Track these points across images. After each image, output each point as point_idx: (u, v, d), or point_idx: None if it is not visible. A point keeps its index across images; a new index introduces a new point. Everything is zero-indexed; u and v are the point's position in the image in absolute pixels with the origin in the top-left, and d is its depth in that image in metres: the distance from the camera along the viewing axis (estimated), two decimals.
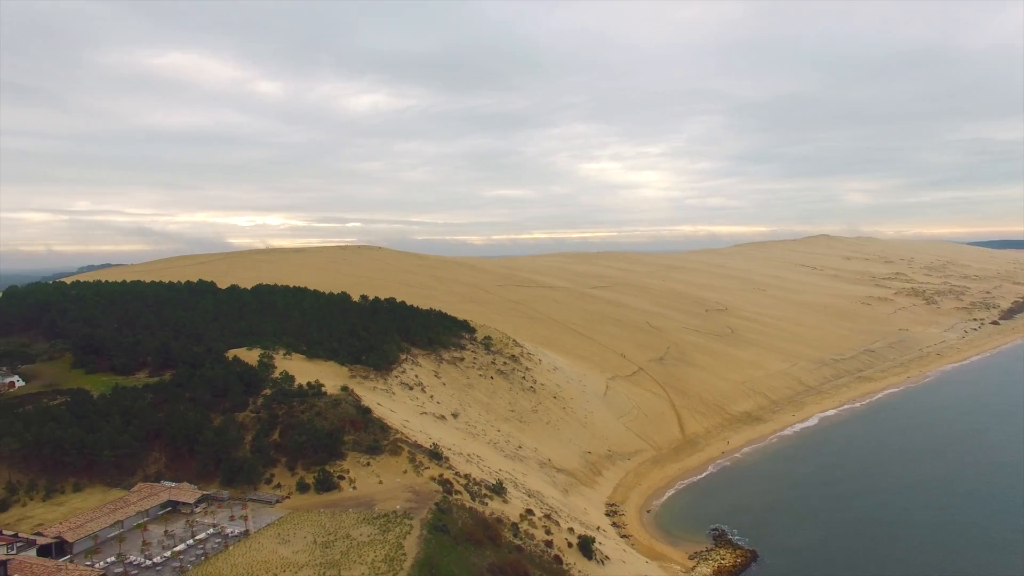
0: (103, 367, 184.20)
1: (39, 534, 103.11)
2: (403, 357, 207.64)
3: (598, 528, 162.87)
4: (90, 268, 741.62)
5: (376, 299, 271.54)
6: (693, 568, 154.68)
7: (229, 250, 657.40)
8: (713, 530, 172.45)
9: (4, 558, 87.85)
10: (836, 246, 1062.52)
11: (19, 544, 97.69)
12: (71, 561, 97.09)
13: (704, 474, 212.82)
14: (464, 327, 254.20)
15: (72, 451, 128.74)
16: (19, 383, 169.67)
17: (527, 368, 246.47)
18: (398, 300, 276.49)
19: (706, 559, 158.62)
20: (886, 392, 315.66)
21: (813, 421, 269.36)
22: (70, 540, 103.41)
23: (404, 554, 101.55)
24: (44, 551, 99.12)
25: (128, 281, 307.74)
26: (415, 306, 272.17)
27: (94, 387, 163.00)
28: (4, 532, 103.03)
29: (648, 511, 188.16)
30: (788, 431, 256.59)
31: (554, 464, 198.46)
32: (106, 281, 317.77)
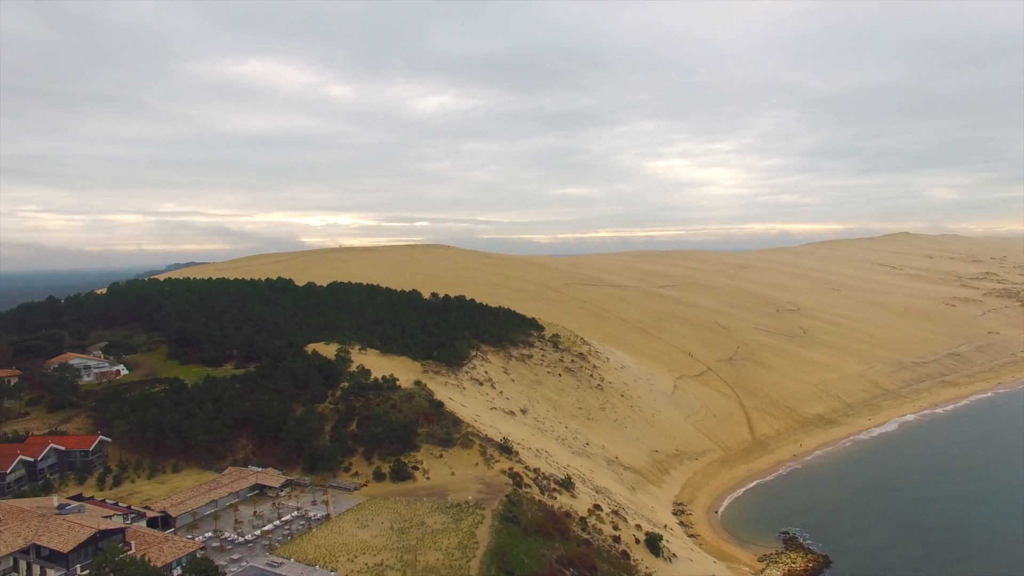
0: (194, 358, 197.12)
1: (147, 508, 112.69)
2: (473, 354, 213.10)
3: (665, 526, 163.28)
4: (177, 266, 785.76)
5: (446, 297, 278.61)
6: (762, 571, 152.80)
7: (302, 249, 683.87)
8: (783, 533, 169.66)
9: (122, 526, 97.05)
10: (918, 244, 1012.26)
11: (132, 516, 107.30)
12: (175, 533, 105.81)
13: (774, 476, 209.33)
14: (532, 325, 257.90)
15: (171, 435, 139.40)
16: (124, 371, 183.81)
17: (594, 366, 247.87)
18: (467, 298, 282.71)
19: (776, 562, 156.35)
20: (973, 398, 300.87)
21: (891, 426, 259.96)
22: (173, 515, 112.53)
23: (476, 542, 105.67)
24: (152, 523, 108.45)
25: (213, 278, 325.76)
26: (484, 304, 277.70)
27: (188, 377, 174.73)
28: (119, 504, 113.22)
29: (716, 512, 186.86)
30: (863, 436, 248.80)
31: (621, 462, 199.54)
32: (194, 278, 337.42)
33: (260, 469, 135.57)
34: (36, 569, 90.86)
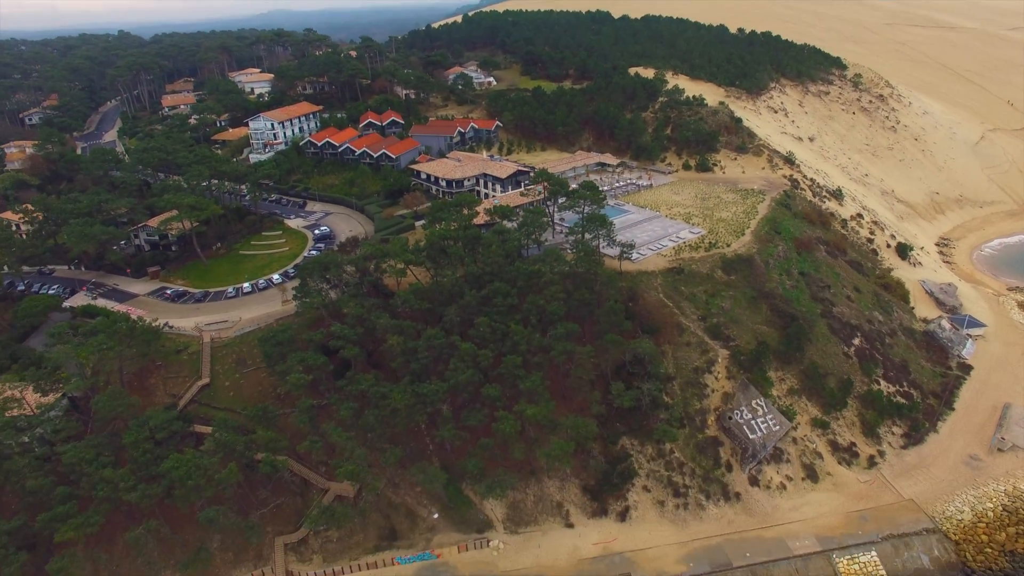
0: (540, 75, 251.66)
1: (533, 167, 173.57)
2: (772, 85, 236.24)
3: (922, 248, 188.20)
4: (490, 1, 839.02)
5: (752, 32, 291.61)
6: (1005, 294, 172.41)
7: None
8: None
9: (527, 169, 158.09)
10: None
11: (528, 168, 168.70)
12: None
13: None
14: (835, 63, 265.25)
15: (539, 125, 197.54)
16: (493, 82, 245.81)
17: (893, 108, 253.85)
18: (773, 34, 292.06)
19: None
20: None
21: None
22: (550, 171, 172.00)
23: (756, 211, 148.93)
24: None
25: (541, 10, 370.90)
26: (789, 40, 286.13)
27: (543, 87, 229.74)
28: (518, 163, 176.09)
29: (981, 251, 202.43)
30: None
31: (896, 195, 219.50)
32: (526, 10, 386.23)
33: (600, 154, 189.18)
34: (489, 185, 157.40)
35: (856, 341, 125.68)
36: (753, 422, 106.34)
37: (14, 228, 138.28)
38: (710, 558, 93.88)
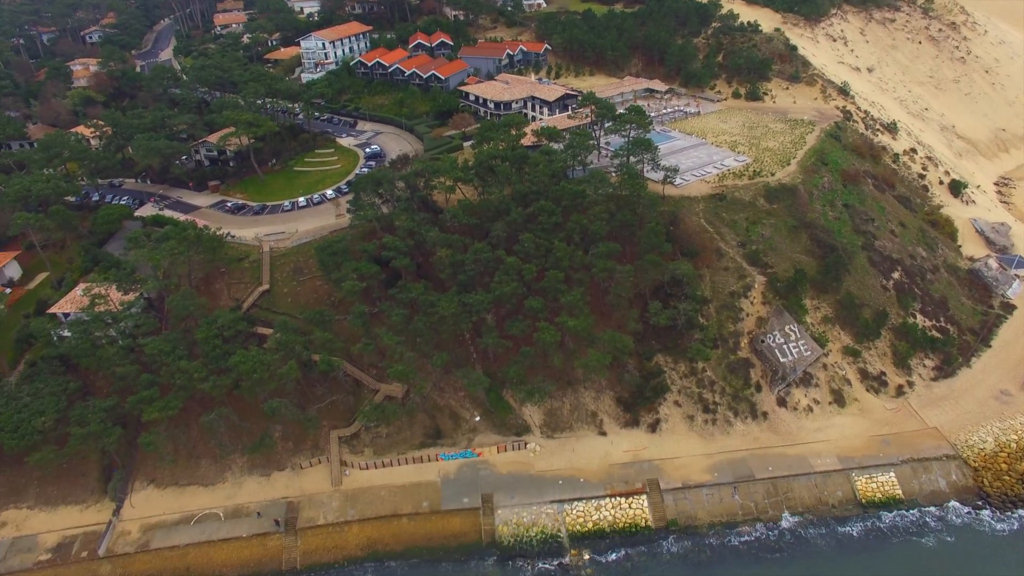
0: None
1: (581, 91, 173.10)
2: (833, 11, 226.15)
3: (978, 186, 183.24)
4: None
5: None
6: None
7: None
8: None
9: (574, 93, 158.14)
10: None
11: (577, 93, 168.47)
12: None
13: None
14: None
15: (588, 50, 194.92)
16: (543, 4, 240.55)
17: (965, 38, 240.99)
18: None
19: None
20: None
21: None
22: (598, 95, 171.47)
23: (804, 142, 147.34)
24: None
25: None
26: None
27: (594, 9, 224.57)
28: (566, 87, 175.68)
29: None
30: None
31: (957, 131, 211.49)
32: None
33: (648, 80, 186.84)
34: (536, 108, 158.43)
35: (896, 275, 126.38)
36: (785, 346, 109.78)
37: (86, 142, 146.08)
38: (734, 470, 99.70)
